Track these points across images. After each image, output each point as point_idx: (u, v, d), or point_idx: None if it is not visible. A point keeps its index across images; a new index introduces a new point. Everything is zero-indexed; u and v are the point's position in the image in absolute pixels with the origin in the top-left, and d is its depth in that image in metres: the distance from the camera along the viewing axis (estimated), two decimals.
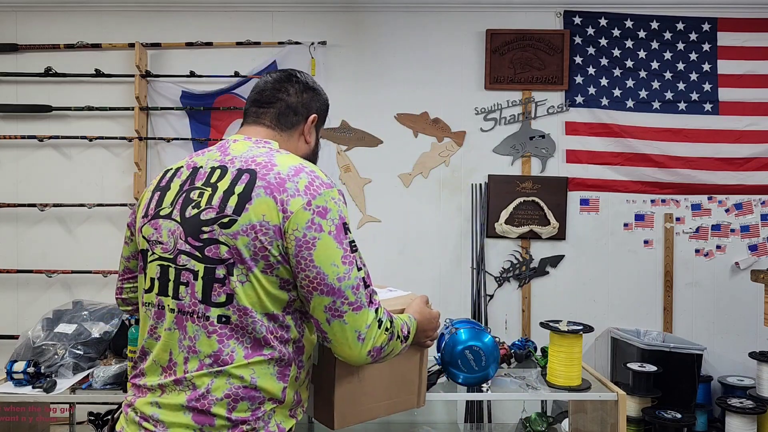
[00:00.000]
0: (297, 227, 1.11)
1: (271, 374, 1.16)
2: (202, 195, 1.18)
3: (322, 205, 1.13)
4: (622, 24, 3.54)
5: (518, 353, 2.21)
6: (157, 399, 1.17)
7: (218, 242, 1.13)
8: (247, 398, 1.14)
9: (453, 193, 3.55)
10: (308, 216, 1.12)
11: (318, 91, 1.41)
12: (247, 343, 1.14)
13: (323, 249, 1.11)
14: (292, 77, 1.38)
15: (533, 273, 3.53)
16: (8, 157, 3.50)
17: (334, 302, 1.12)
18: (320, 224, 1.12)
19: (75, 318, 2.13)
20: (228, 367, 1.13)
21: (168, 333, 1.18)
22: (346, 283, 1.12)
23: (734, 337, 3.52)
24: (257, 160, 1.19)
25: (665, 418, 2.88)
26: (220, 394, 1.13)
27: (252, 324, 1.13)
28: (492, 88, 3.53)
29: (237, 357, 1.14)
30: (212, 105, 3.46)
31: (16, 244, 3.49)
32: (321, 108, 1.42)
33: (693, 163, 3.52)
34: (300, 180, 1.15)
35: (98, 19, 3.50)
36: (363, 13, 3.53)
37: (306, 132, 1.37)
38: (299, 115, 1.36)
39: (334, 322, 1.14)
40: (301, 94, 1.37)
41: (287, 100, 1.35)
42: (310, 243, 1.11)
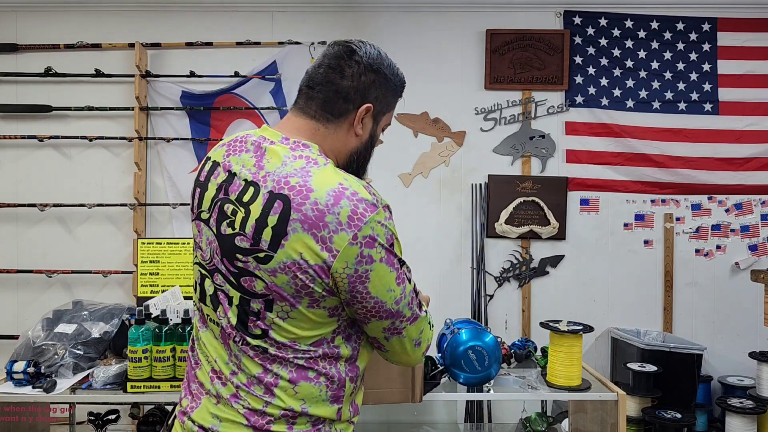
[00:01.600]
0: (347, 265, 1.03)
1: (323, 400, 1.12)
2: (235, 214, 1.08)
3: (369, 234, 1.03)
4: (622, 24, 3.54)
5: (518, 353, 2.21)
6: (216, 411, 1.13)
7: (254, 275, 1.06)
8: (304, 416, 1.11)
9: (453, 193, 3.55)
10: (356, 251, 1.03)
11: (383, 73, 1.18)
12: (291, 368, 1.10)
13: (377, 279, 1.06)
14: (354, 54, 1.15)
15: (533, 273, 3.53)
16: (8, 157, 3.50)
17: (393, 323, 1.12)
18: (370, 255, 1.04)
19: (75, 318, 2.13)
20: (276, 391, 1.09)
21: (216, 342, 1.15)
22: (403, 303, 1.11)
23: (734, 337, 3.52)
24: (291, 182, 1.04)
25: (665, 418, 2.88)
26: (278, 413, 1.10)
27: (292, 354, 1.09)
28: (492, 88, 3.53)
29: (282, 381, 1.09)
30: (212, 105, 3.46)
31: (16, 244, 3.49)
32: (384, 96, 1.19)
33: (693, 163, 3.52)
34: (342, 210, 1.02)
35: (98, 19, 3.50)
36: (363, 13, 3.53)
37: (356, 123, 1.16)
38: (350, 102, 1.15)
39: (393, 339, 1.14)
40: (357, 77, 1.15)
41: (339, 83, 1.14)
42: (363, 277, 1.05)
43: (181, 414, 1.21)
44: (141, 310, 1.93)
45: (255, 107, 3.47)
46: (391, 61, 1.22)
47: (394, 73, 1.21)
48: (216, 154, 1.18)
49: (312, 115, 1.15)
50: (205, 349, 1.18)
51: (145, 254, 2.35)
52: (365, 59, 1.16)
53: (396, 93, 1.23)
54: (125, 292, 3.43)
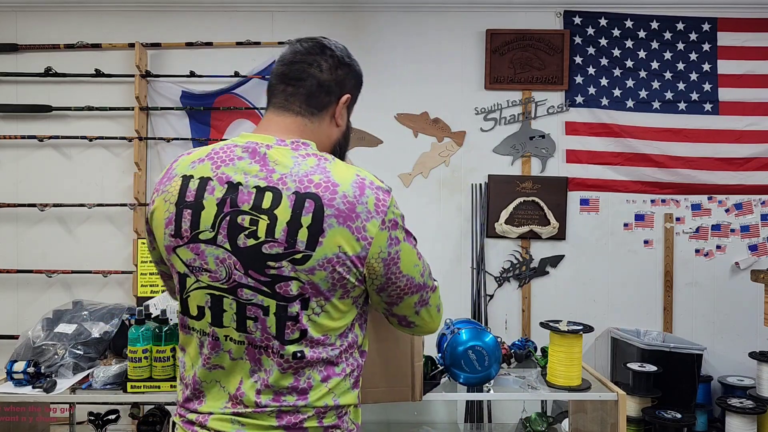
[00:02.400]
0: (381, 250, 1.10)
1: (348, 389, 1.17)
2: (256, 223, 1.06)
3: (392, 218, 1.12)
4: (622, 24, 3.54)
5: (518, 353, 2.21)
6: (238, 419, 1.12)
7: (289, 279, 1.07)
8: (333, 409, 1.15)
9: (453, 193, 3.55)
10: (386, 235, 1.11)
11: (353, 65, 1.24)
12: (321, 367, 1.13)
13: (406, 257, 1.15)
14: (326, 49, 1.20)
15: (533, 273, 3.53)
16: (8, 157, 3.50)
17: (421, 296, 1.20)
18: (396, 237, 1.13)
19: (75, 318, 2.13)
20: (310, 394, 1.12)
21: (235, 362, 1.13)
22: (426, 275, 1.21)
23: (734, 337, 3.52)
24: (314, 181, 1.07)
25: (665, 418, 2.88)
26: (311, 412, 1.13)
27: (324, 350, 1.12)
28: (492, 88, 3.53)
29: (314, 383, 1.12)
30: (212, 105, 3.46)
31: (16, 244, 3.49)
32: (355, 86, 1.26)
33: (693, 163, 3.52)
34: (368, 200, 1.08)
35: (98, 19, 3.50)
36: (363, 13, 3.53)
37: (338, 114, 1.21)
38: (332, 94, 1.19)
39: (422, 311, 1.22)
40: (335, 70, 1.19)
41: (319, 77, 1.17)
42: (396, 258, 1.13)
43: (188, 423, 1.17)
44: (141, 310, 1.93)
45: (255, 107, 3.47)
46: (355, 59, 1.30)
47: (358, 64, 1.28)
48: (199, 170, 1.12)
49: (297, 111, 1.17)
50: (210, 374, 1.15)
51: (145, 254, 2.35)
52: (337, 53, 1.22)
53: (361, 84, 1.30)
54: (125, 292, 3.43)
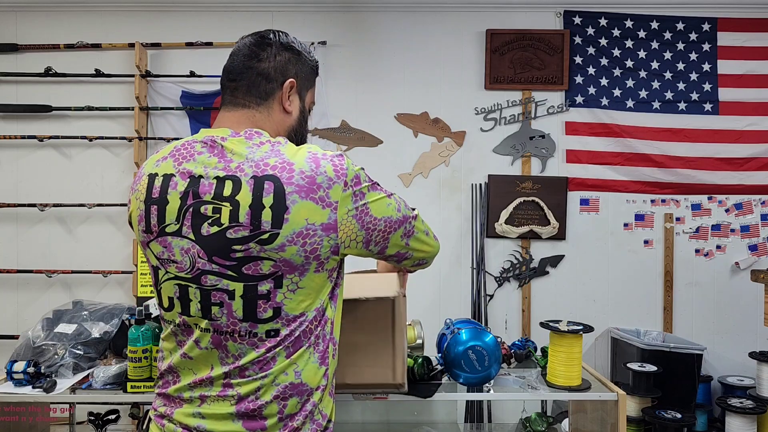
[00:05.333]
0: (348, 208, 1.13)
1: (313, 362, 1.17)
2: (219, 211, 1.09)
3: (353, 177, 1.14)
4: (622, 24, 3.54)
5: (518, 353, 2.20)
6: (199, 410, 1.15)
7: (259, 258, 1.09)
8: (295, 394, 1.15)
9: (453, 193, 3.55)
10: (350, 193, 1.13)
11: (297, 51, 1.26)
12: (290, 343, 1.14)
13: (375, 202, 1.17)
14: (264, 39, 1.23)
15: (533, 273, 3.53)
16: (8, 157, 3.50)
17: (405, 228, 1.23)
18: (360, 191, 1.15)
19: (75, 318, 2.13)
20: (273, 370, 1.13)
21: (205, 352, 1.16)
22: (402, 208, 1.23)
23: (734, 337, 3.52)
24: (270, 163, 1.10)
25: (665, 418, 2.88)
26: (269, 396, 1.13)
27: (299, 326, 1.14)
28: (492, 88, 3.53)
29: (279, 357, 1.14)
30: (212, 105, 3.46)
31: (16, 244, 3.49)
32: (303, 71, 1.27)
33: (693, 163, 3.52)
34: (326, 168, 1.12)
35: (98, 19, 3.50)
36: (363, 13, 3.53)
37: (284, 100, 1.23)
38: (273, 81, 1.22)
39: (411, 241, 1.27)
40: (274, 57, 1.22)
41: (258, 66, 1.21)
42: (365, 208, 1.16)
43: (159, 417, 1.21)
44: (141, 310, 1.92)
45: None
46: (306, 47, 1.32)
47: (306, 50, 1.30)
48: (163, 167, 1.17)
49: (242, 104, 1.21)
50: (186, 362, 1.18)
51: None
52: (276, 41, 1.24)
53: (313, 70, 1.31)
54: (125, 292, 3.43)
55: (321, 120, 3.51)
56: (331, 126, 3.51)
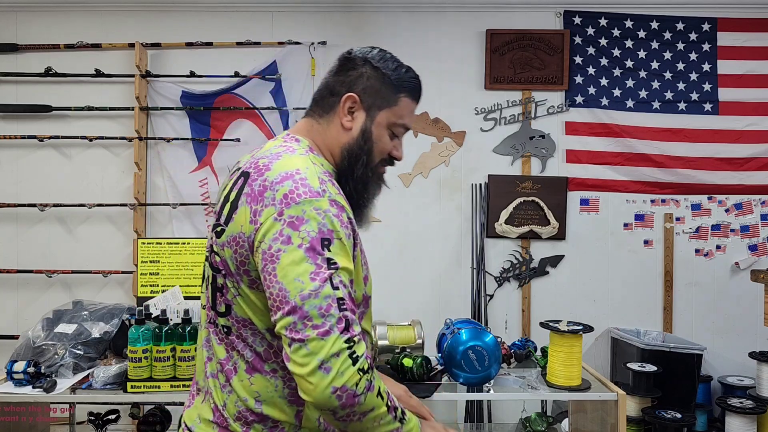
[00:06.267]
0: (264, 239, 0.99)
1: (280, 397, 1.08)
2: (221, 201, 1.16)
3: (297, 215, 0.98)
4: (622, 24, 3.54)
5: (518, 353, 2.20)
6: (199, 411, 1.16)
7: (214, 251, 1.10)
8: (258, 421, 1.08)
9: (453, 193, 3.55)
10: (277, 227, 0.98)
11: (375, 66, 1.17)
12: (248, 356, 1.08)
13: (289, 263, 0.96)
14: (348, 54, 1.21)
15: (533, 273, 3.53)
16: (8, 157, 3.50)
17: (296, 324, 0.94)
18: (289, 236, 0.97)
19: (75, 318, 2.13)
20: (233, 381, 1.09)
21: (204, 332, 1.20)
22: (312, 301, 0.95)
23: (734, 337, 3.52)
24: (259, 163, 1.08)
25: (665, 418, 2.88)
26: (233, 412, 1.09)
27: (251, 336, 1.08)
28: (492, 88, 3.53)
29: (239, 370, 1.09)
30: (212, 105, 3.46)
31: (16, 244, 3.49)
32: (375, 89, 1.16)
33: (693, 163, 3.52)
34: (282, 188, 1.01)
35: (98, 19, 3.50)
36: (363, 13, 3.53)
37: (341, 114, 1.16)
38: (336, 94, 1.17)
39: (296, 346, 0.94)
40: (345, 72, 1.18)
41: (329, 79, 1.19)
42: (275, 256, 0.97)
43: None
44: (141, 310, 1.93)
45: (255, 107, 3.47)
46: (396, 62, 1.20)
47: (392, 69, 1.18)
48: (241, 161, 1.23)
49: (310, 113, 1.21)
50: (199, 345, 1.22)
51: (145, 254, 2.35)
52: (357, 55, 1.19)
53: (395, 89, 1.18)
54: (125, 292, 3.43)
55: None
56: None
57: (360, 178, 1.17)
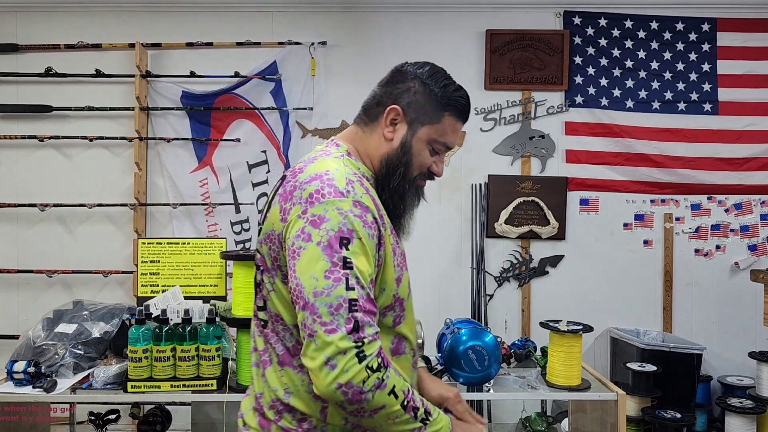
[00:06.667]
0: (289, 236, 1.05)
1: (306, 391, 1.10)
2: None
3: (319, 214, 1.02)
4: (622, 24, 3.54)
5: (518, 353, 2.21)
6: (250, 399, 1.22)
7: (257, 248, 1.18)
8: (287, 412, 1.12)
9: (453, 193, 3.55)
10: (300, 224, 1.03)
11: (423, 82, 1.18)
12: (279, 350, 1.14)
13: (307, 260, 1.00)
14: (400, 66, 1.22)
15: (533, 273, 3.53)
16: (8, 157, 3.50)
17: (307, 318, 0.99)
18: (310, 234, 1.01)
19: (75, 318, 2.14)
20: (267, 372, 1.15)
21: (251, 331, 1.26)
22: (323, 299, 0.98)
23: (734, 337, 3.52)
24: (296, 166, 1.14)
25: (665, 418, 2.88)
26: (268, 401, 1.15)
27: (282, 331, 1.13)
28: (492, 88, 3.53)
29: (273, 362, 1.15)
30: (212, 105, 3.46)
31: (16, 244, 3.49)
32: (420, 104, 1.17)
33: (692, 163, 3.52)
34: (309, 187, 1.06)
35: (98, 19, 3.50)
36: (363, 13, 3.53)
37: (384, 125, 1.19)
38: (382, 105, 1.19)
39: (307, 342, 0.99)
40: (394, 84, 1.20)
41: (377, 90, 1.22)
42: (297, 252, 1.02)
43: None
44: (141, 310, 1.93)
45: (255, 107, 3.47)
46: (446, 80, 1.20)
47: (440, 86, 1.18)
48: None
49: (356, 121, 1.25)
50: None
51: (146, 254, 2.35)
52: (408, 69, 1.21)
53: (440, 106, 1.18)
54: (125, 292, 3.43)
55: (321, 120, 3.52)
56: (331, 126, 3.52)
57: (396, 188, 1.20)
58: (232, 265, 2.07)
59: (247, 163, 3.49)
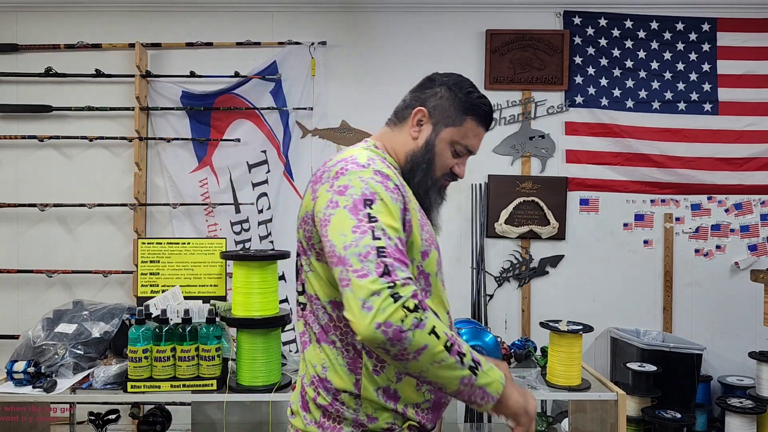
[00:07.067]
0: (320, 209, 1.13)
1: (341, 365, 1.17)
2: None
3: (344, 184, 1.12)
4: (622, 24, 3.54)
5: (518, 353, 2.21)
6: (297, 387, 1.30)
7: (297, 238, 1.26)
8: (323, 388, 1.19)
9: (453, 193, 3.54)
10: (328, 196, 1.12)
11: (449, 88, 1.29)
12: (316, 329, 1.22)
13: (336, 222, 1.08)
14: (429, 76, 1.34)
15: (533, 273, 3.53)
16: (8, 157, 3.50)
17: (342, 271, 1.04)
18: (337, 201, 1.10)
19: (75, 318, 2.14)
20: (307, 351, 1.24)
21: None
22: (352, 250, 1.03)
23: (734, 337, 3.52)
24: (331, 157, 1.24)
25: (665, 418, 2.88)
26: (308, 380, 1.22)
27: (318, 310, 1.20)
28: (492, 88, 3.53)
29: (312, 341, 1.23)
30: (212, 105, 3.46)
31: (16, 244, 3.49)
32: (444, 107, 1.28)
33: (692, 163, 3.52)
34: (334, 168, 1.16)
35: (98, 19, 3.50)
36: (363, 13, 3.53)
37: (411, 124, 1.30)
38: (409, 107, 1.31)
39: (344, 291, 1.03)
40: (422, 89, 1.32)
41: (407, 95, 1.35)
42: (327, 220, 1.10)
43: None
44: (141, 310, 1.93)
45: (255, 107, 3.47)
46: (470, 87, 1.30)
47: (464, 92, 1.29)
48: None
49: (387, 122, 1.37)
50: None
51: (146, 254, 2.35)
52: (437, 77, 1.32)
53: (463, 110, 1.28)
54: (125, 292, 3.43)
55: (321, 120, 3.52)
56: (331, 126, 3.52)
57: (420, 183, 1.29)
58: (232, 265, 2.07)
59: (247, 163, 3.49)
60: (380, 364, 1.16)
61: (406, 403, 1.17)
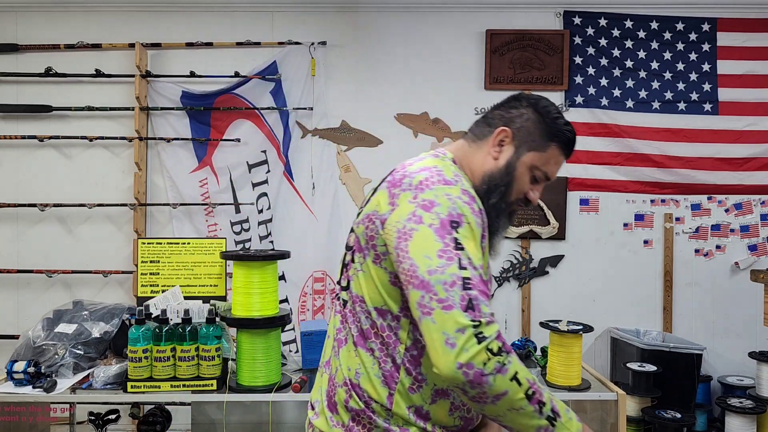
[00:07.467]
0: (399, 219, 1.08)
1: (376, 375, 1.13)
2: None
3: (430, 198, 1.07)
4: (622, 24, 3.54)
5: (518, 353, 2.21)
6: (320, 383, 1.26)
7: (351, 230, 1.22)
8: (356, 394, 1.15)
9: None
10: (411, 208, 1.07)
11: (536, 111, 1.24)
12: (354, 332, 1.17)
13: (420, 239, 1.04)
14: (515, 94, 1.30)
15: (533, 273, 3.53)
16: (8, 157, 3.50)
17: (423, 297, 1.00)
18: (421, 216, 1.06)
19: (75, 318, 2.14)
20: (342, 351, 1.19)
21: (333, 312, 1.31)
22: (437, 277, 1.00)
23: (734, 337, 3.52)
24: (406, 161, 1.21)
25: (665, 418, 2.88)
26: (341, 380, 1.17)
27: (360, 313, 1.16)
28: (492, 88, 3.53)
29: (348, 342, 1.18)
30: (212, 105, 3.46)
31: (16, 244, 3.49)
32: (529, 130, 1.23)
33: (692, 163, 3.52)
34: (418, 176, 1.12)
35: (98, 19, 3.50)
36: (363, 13, 3.53)
37: (492, 144, 1.24)
38: (492, 126, 1.25)
39: (424, 320, 1.00)
40: (507, 108, 1.26)
41: (490, 112, 1.29)
42: (408, 234, 1.05)
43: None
44: (141, 310, 1.93)
45: (255, 107, 3.47)
46: (558, 113, 1.26)
47: (552, 117, 1.24)
48: None
49: (465, 136, 1.31)
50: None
51: (146, 254, 2.35)
52: (523, 97, 1.27)
53: (548, 135, 1.24)
54: (125, 292, 3.43)
55: (321, 120, 3.52)
56: (331, 126, 3.52)
57: (494, 205, 1.23)
58: (232, 265, 2.07)
59: (247, 163, 3.49)
60: (417, 384, 1.12)
61: (435, 424, 1.15)
